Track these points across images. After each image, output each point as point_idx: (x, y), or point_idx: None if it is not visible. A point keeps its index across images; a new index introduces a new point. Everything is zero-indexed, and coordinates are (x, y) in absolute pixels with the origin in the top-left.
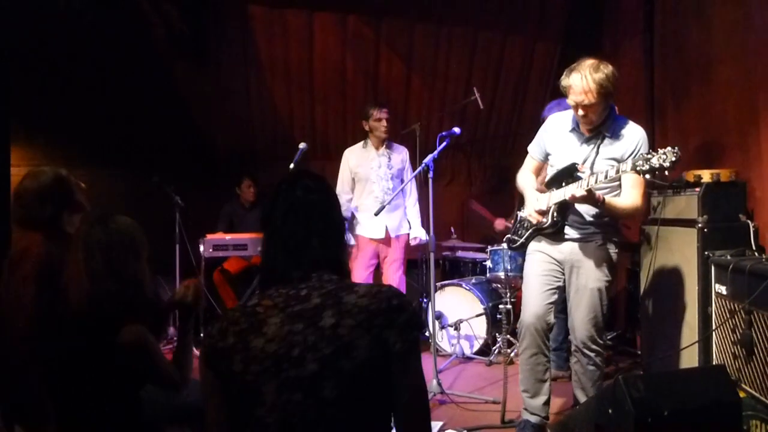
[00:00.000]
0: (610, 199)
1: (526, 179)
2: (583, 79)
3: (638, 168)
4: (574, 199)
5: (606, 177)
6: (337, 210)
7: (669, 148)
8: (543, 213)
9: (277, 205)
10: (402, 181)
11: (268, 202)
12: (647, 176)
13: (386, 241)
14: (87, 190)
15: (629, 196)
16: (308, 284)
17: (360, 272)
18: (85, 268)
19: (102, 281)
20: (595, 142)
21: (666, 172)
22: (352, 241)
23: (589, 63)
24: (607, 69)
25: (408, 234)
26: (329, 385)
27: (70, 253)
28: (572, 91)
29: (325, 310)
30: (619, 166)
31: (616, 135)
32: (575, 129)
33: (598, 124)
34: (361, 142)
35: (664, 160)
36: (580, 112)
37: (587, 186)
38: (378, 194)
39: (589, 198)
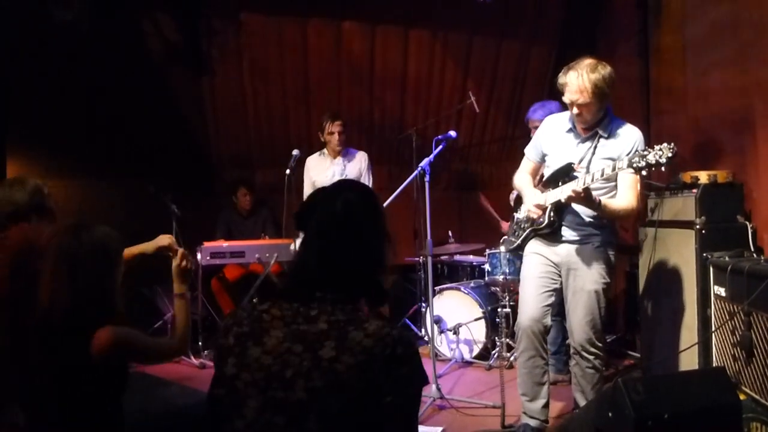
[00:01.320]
0: (606, 200)
1: (523, 179)
2: (579, 78)
3: (635, 164)
4: (571, 198)
5: (602, 175)
6: (378, 228)
7: (665, 144)
8: (542, 207)
9: (313, 216)
10: None
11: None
12: (644, 173)
13: None
14: (83, 200)
15: (624, 197)
16: (321, 306)
17: None
18: (51, 278)
19: (66, 291)
20: (592, 141)
21: (662, 168)
22: None
23: (587, 62)
24: (604, 70)
25: None
26: (314, 418)
27: (41, 262)
28: (568, 89)
29: (327, 340)
30: (615, 163)
31: (612, 135)
32: (572, 129)
33: (594, 124)
34: (322, 150)
35: (660, 156)
36: (575, 110)
37: (584, 185)
38: None
39: (586, 197)
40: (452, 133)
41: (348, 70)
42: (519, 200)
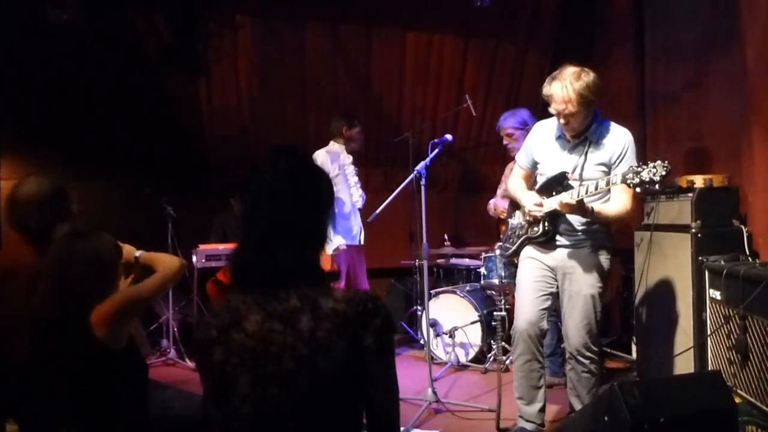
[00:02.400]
0: (599, 207)
1: (517, 184)
2: (563, 89)
3: (629, 181)
4: (564, 209)
5: (596, 188)
6: (318, 200)
7: (659, 162)
8: (542, 204)
9: (246, 194)
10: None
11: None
12: (638, 189)
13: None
14: (79, 203)
15: (618, 201)
16: (284, 287)
17: None
18: (43, 285)
19: (54, 298)
20: (582, 148)
21: (656, 186)
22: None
23: (570, 72)
24: (588, 77)
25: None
26: (304, 381)
27: (43, 267)
28: (553, 100)
29: (303, 314)
30: (609, 178)
31: (602, 139)
32: (561, 136)
33: (583, 130)
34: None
35: (654, 174)
36: (562, 120)
37: (578, 196)
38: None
39: (579, 208)
40: (448, 137)
41: (345, 72)
42: (513, 206)
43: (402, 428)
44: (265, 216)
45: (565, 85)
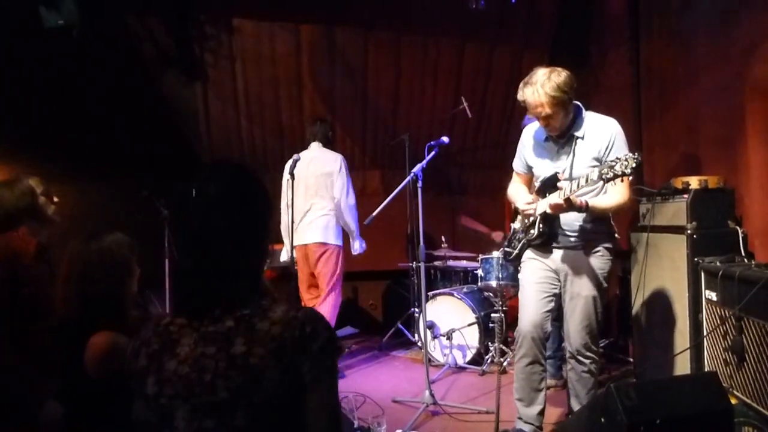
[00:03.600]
0: (593, 201)
1: (515, 188)
2: (534, 93)
3: (604, 176)
4: (556, 210)
5: (578, 186)
6: (252, 210)
7: (629, 155)
8: (532, 203)
9: (176, 209)
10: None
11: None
12: (614, 183)
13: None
14: (76, 204)
15: (613, 191)
16: (221, 305)
17: None
18: (63, 288)
19: (74, 299)
20: (570, 146)
21: (630, 177)
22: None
23: (540, 74)
24: (558, 78)
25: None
26: (241, 415)
27: (58, 269)
28: (528, 106)
29: (237, 336)
30: (588, 174)
31: (588, 134)
32: (549, 138)
33: (567, 128)
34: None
35: (625, 167)
36: (542, 122)
37: (565, 195)
38: None
39: (570, 206)
40: (445, 139)
41: (341, 75)
42: (516, 211)
43: (399, 431)
44: (195, 230)
45: (536, 89)
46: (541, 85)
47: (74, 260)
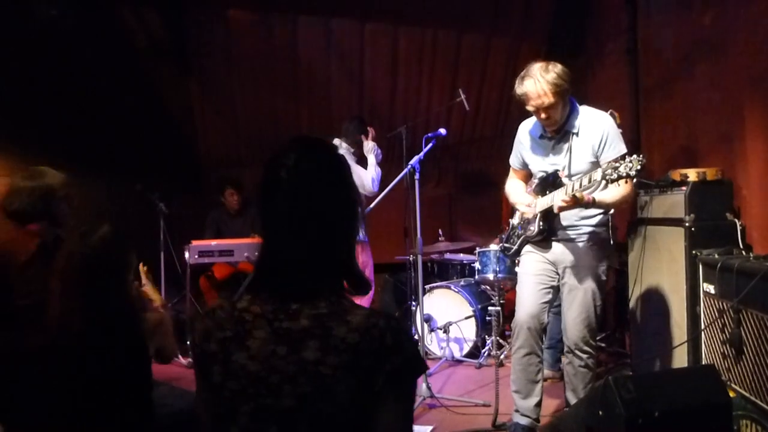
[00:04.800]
0: (600, 196)
1: (513, 185)
2: (536, 83)
3: (608, 177)
4: (563, 208)
5: (590, 181)
6: (342, 194)
7: (635, 157)
8: (531, 203)
9: (262, 188)
10: None
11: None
12: (617, 184)
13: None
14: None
15: (616, 186)
16: (301, 298)
17: None
18: (61, 284)
19: (74, 297)
20: (566, 144)
21: (633, 180)
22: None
23: (537, 66)
24: (556, 68)
25: None
26: (304, 426)
27: (54, 267)
28: (529, 98)
29: (311, 339)
30: (591, 174)
31: (583, 129)
32: (543, 135)
33: (563, 123)
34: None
35: (630, 169)
36: (542, 115)
37: (571, 192)
38: None
39: (578, 203)
40: (442, 131)
41: (337, 67)
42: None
43: None
44: (284, 211)
45: (536, 80)
46: (541, 75)
47: (71, 257)
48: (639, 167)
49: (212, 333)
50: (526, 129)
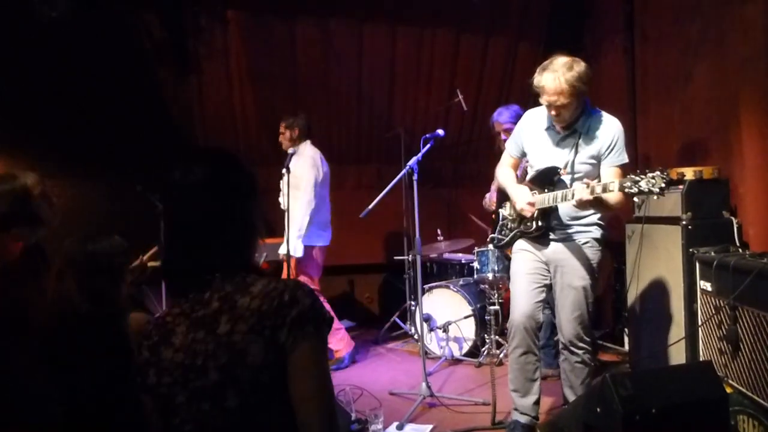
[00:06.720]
0: (606, 196)
1: (506, 174)
2: (555, 80)
3: (626, 190)
4: (582, 205)
5: (604, 190)
6: (235, 191)
7: (658, 174)
8: (534, 204)
9: (162, 195)
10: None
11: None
12: (636, 200)
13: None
14: (70, 199)
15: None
16: (212, 286)
17: None
18: (55, 287)
19: (67, 301)
20: (572, 141)
21: (655, 197)
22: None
23: (561, 62)
24: (579, 67)
25: None
26: (231, 395)
27: (49, 269)
28: (545, 92)
29: (222, 315)
30: (606, 184)
31: (592, 131)
32: (551, 127)
33: (573, 121)
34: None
35: (653, 185)
36: (553, 112)
37: (593, 191)
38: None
39: (595, 202)
40: (440, 132)
41: (336, 67)
42: (503, 195)
43: (396, 423)
44: (181, 214)
45: (557, 76)
46: (563, 73)
47: (69, 260)
48: (663, 185)
49: (142, 344)
50: (532, 118)
